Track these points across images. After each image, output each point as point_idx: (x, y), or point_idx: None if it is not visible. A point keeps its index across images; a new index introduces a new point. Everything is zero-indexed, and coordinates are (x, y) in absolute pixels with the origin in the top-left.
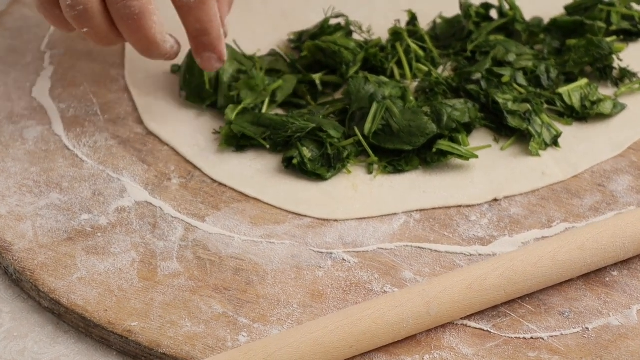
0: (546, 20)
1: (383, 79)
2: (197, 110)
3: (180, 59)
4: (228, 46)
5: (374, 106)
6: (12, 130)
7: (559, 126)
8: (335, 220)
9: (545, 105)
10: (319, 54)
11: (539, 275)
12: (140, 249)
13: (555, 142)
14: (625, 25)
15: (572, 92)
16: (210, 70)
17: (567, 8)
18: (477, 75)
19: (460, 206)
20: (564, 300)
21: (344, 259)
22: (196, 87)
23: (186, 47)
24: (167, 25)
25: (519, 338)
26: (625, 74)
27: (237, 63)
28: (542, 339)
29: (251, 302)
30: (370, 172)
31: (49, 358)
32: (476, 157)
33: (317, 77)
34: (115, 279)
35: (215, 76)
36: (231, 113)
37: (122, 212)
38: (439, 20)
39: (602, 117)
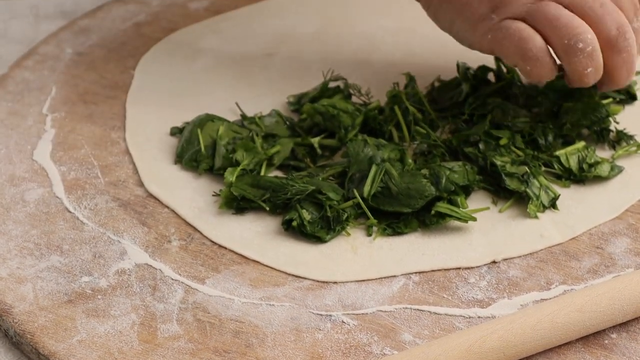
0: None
1: (382, 141)
2: (196, 173)
3: (177, 121)
4: (223, 118)
5: (373, 169)
6: (13, 192)
7: (557, 188)
8: (335, 283)
9: (543, 168)
10: (317, 117)
11: (537, 338)
12: (141, 311)
13: (553, 205)
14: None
15: (570, 154)
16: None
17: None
18: (475, 138)
19: (459, 268)
20: None
21: (343, 321)
22: (193, 153)
23: (189, 116)
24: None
25: None
26: (622, 137)
27: (233, 132)
28: None
29: None
30: (369, 234)
31: None
32: (474, 219)
33: (315, 140)
34: (115, 342)
35: (212, 143)
36: (230, 175)
37: (123, 274)
38: (437, 83)
39: (599, 179)
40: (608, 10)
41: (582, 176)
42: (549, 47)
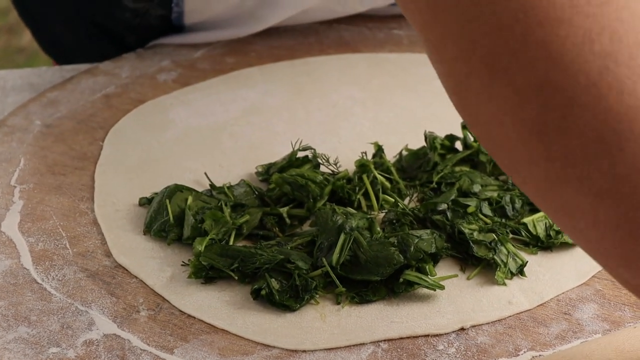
0: None
1: (350, 210)
2: (165, 243)
3: (146, 191)
4: (192, 188)
5: (342, 237)
6: None
7: (525, 255)
8: (304, 351)
9: (511, 235)
10: (286, 186)
11: None
12: None
13: (521, 271)
14: None
15: (537, 221)
16: None
17: None
18: (443, 206)
19: (427, 335)
20: None
21: None
22: (162, 224)
23: (157, 187)
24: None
25: None
26: None
27: (202, 202)
28: None
29: None
30: (338, 302)
31: None
32: (442, 288)
33: (284, 210)
34: None
35: (181, 213)
36: (199, 245)
37: (91, 345)
38: (404, 152)
39: (566, 246)
40: None
41: (549, 243)
42: None
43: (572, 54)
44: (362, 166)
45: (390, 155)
